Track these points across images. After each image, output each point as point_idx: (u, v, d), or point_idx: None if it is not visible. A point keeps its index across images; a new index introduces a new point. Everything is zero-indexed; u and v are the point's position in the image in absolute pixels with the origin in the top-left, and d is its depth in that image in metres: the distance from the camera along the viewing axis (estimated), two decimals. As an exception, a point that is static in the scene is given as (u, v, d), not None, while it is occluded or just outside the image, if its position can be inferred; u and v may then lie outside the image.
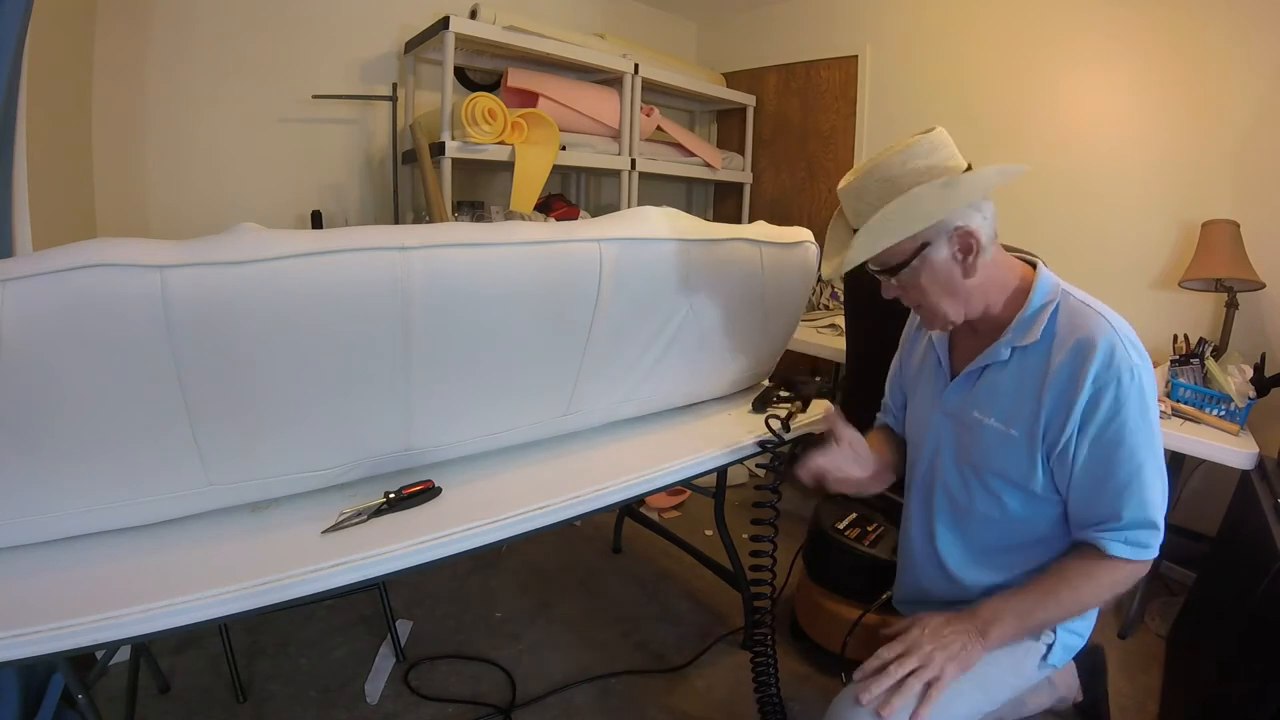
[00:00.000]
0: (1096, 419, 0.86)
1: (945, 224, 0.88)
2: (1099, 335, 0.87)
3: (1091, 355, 0.86)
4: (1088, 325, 0.88)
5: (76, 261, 0.73)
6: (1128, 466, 0.86)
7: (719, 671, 1.76)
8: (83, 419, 0.79)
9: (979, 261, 0.91)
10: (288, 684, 1.65)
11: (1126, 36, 2.38)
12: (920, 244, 0.90)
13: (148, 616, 0.77)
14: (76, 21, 1.93)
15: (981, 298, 0.95)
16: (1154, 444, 0.86)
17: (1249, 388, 1.84)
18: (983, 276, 0.93)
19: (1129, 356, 0.85)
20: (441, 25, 2.31)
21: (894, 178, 0.88)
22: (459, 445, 1.16)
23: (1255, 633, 1.29)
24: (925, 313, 0.98)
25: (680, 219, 1.28)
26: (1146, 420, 0.85)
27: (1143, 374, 0.85)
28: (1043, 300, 0.93)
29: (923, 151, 0.88)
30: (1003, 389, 0.95)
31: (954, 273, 0.91)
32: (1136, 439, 0.85)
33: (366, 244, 0.89)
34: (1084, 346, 0.87)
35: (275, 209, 2.46)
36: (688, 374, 1.43)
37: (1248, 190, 2.17)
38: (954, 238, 0.89)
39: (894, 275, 0.94)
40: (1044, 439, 0.91)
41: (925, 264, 0.91)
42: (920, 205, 0.86)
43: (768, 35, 3.58)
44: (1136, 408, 0.85)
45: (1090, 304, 0.91)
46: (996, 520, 1.00)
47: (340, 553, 0.89)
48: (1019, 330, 0.93)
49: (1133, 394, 0.84)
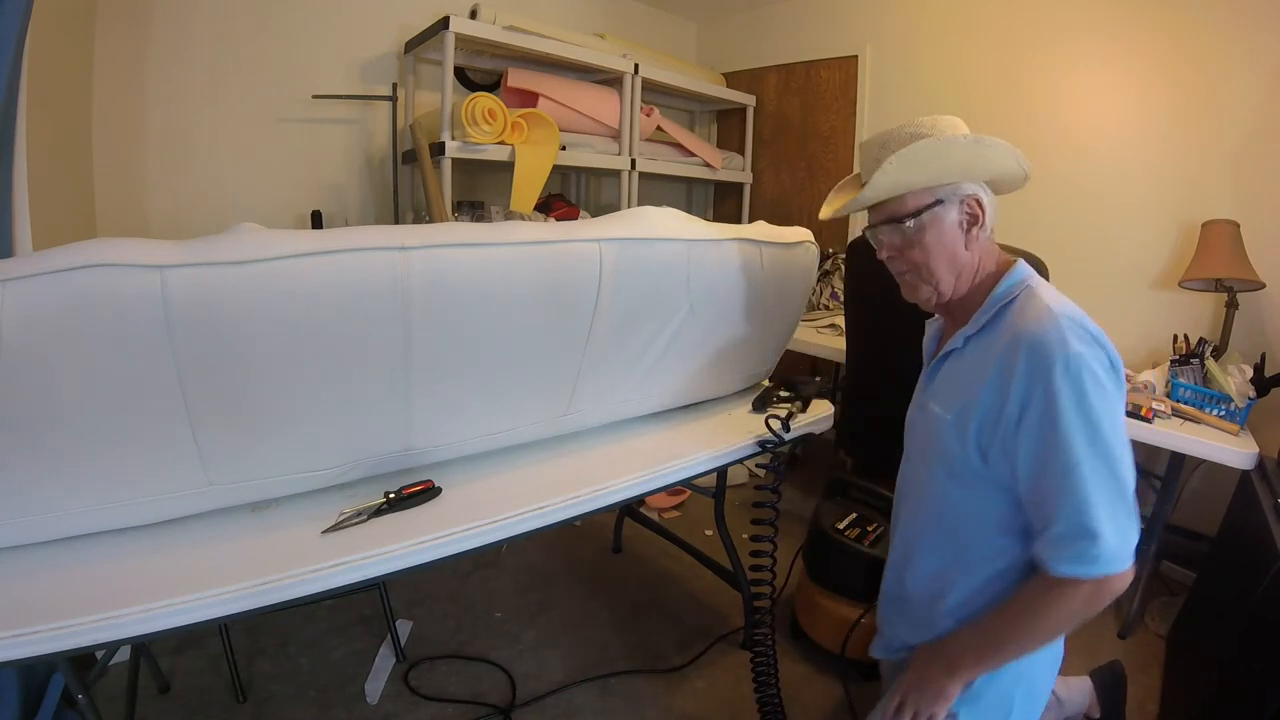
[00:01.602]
0: (1030, 413, 0.79)
1: (960, 188, 0.89)
2: (1037, 324, 0.81)
3: (1026, 344, 0.81)
4: (1030, 315, 0.84)
5: (76, 261, 0.73)
6: (1059, 465, 0.77)
7: (719, 671, 1.76)
8: (83, 419, 0.79)
9: (980, 236, 0.91)
10: (288, 684, 1.65)
11: (1127, 37, 2.38)
12: (934, 199, 0.90)
13: (148, 616, 0.77)
14: (76, 21, 1.93)
15: (969, 276, 0.94)
16: (1097, 439, 0.76)
17: (1249, 388, 1.84)
18: (976, 254, 0.92)
19: (1066, 343, 0.78)
20: (441, 25, 2.31)
21: (925, 132, 0.89)
22: (459, 445, 1.16)
23: (1255, 633, 1.29)
24: (915, 279, 0.95)
25: (680, 219, 1.28)
26: (1084, 412, 0.76)
27: (1086, 362, 0.77)
28: (1005, 290, 0.90)
29: (950, 124, 0.90)
30: (955, 377, 0.93)
31: (958, 239, 0.91)
32: (1070, 434, 0.76)
33: (366, 244, 0.89)
34: (1021, 336, 0.82)
35: (275, 209, 2.46)
36: (688, 374, 1.43)
37: (1248, 190, 2.17)
38: (965, 203, 0.90)
39: (901, 224, 0.92)
40: (977, 427, 0.86)
41: (934, 221, 0.90)
42: (954, 153, 0.87)
43: (768, 35, 3.58)
44: (1071, 399, 0.76)
45: (1045, 297, 0.85)
46: (945, 513, 0.94)
47: (340, 553, 0.89)
48: (977, 318, 0.91)
49: (1066, 385, 0.77)
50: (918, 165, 0.88)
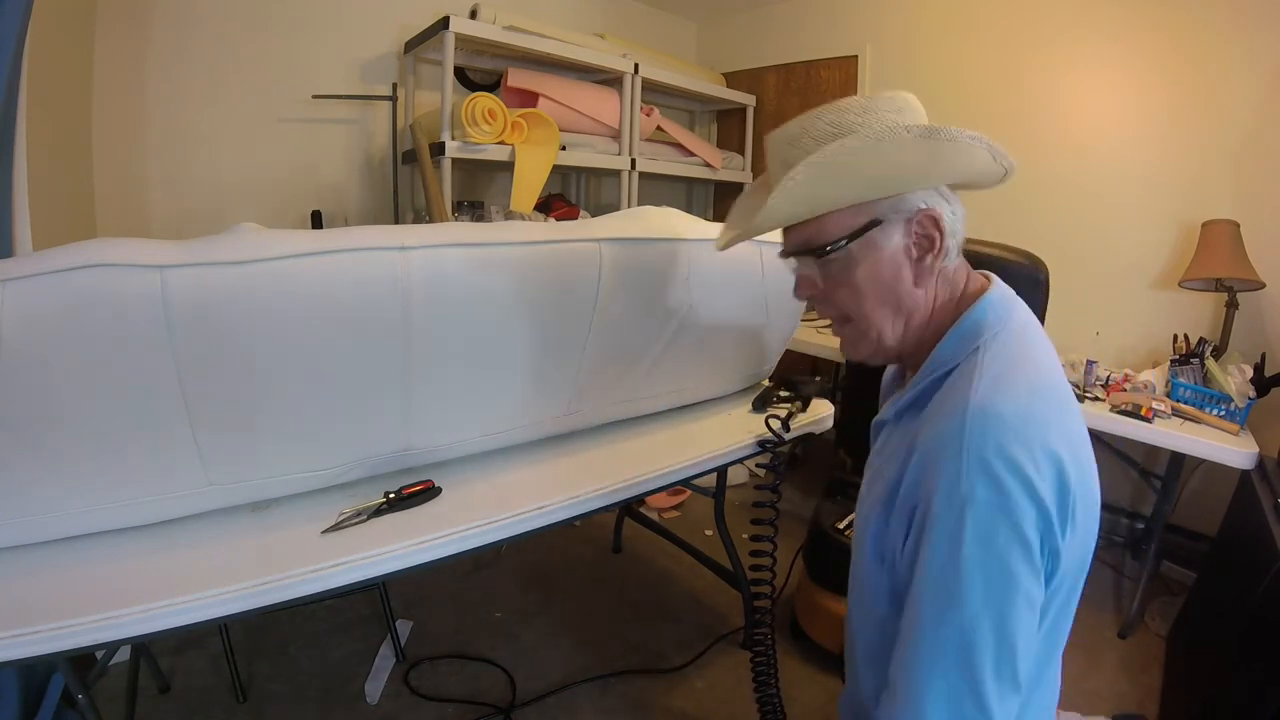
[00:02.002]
0: (910, 540, 0.60)
1: (905, 200, 0.64)
2: (943, 421, 0.59)
3: (921, 448, 0.61)
4: (950, 400, 0.61)
5: (76, 261, 0.73)
6: (907, 616, 0.58)
7: (719, 671, 1.76)
8: (82, 419, 0.79)
9: (936, 266, 0.66)
10: (288, 684, 1.65)
11: (1127, 37, 2.38)
12: (869, 220, 0.64)
13: (148, 616, 0.77)
14: (76, 21, 1.93)
15: (922, 318, 0.68)
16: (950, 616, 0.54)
17: (1249, 388, 1.84)
18: (932, 290, 0.68)
19: (959, 475, 0.55)
20: (441, 25, 2.31)
21: (852, 124, 0.63)
22: (459, 445, 1.16)
23: (1255, 633, 1.29)
24: (850, 330, 0.71)
25: (680, 219, 1.28)
26: (949, 578, 0.54)
27: (974, 514, 0.54)
28: (947, 353, 0.66)
29: (891, 106, 0.64)
30: (885, 454, 0.72)
31: (902, 272, 0.66)
32: (925, 587, 0.56)
33: (366, 244, 0.89)
34: (926, 434, 0.61)
35: (275, 209, 2.46)
36: (688, 374, 1.43)
37: (1248, 190, 2.17)
38: (915, 222, 0.65)
39: (819, 258, 0.67)
40: (876, 529, 0.67)
41: (869, 250, 0.65)
42: (893, 154, 0.61)
43: (768, 35, 3.58)
44: (938, 553, 0.55)
45: (985, 380, 0.60)
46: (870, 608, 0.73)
47: (340, 553, 0.89)
48: (911, 384, 0.69)
49: (937, 531, 0.55)
50: (842, 173, 0.62)
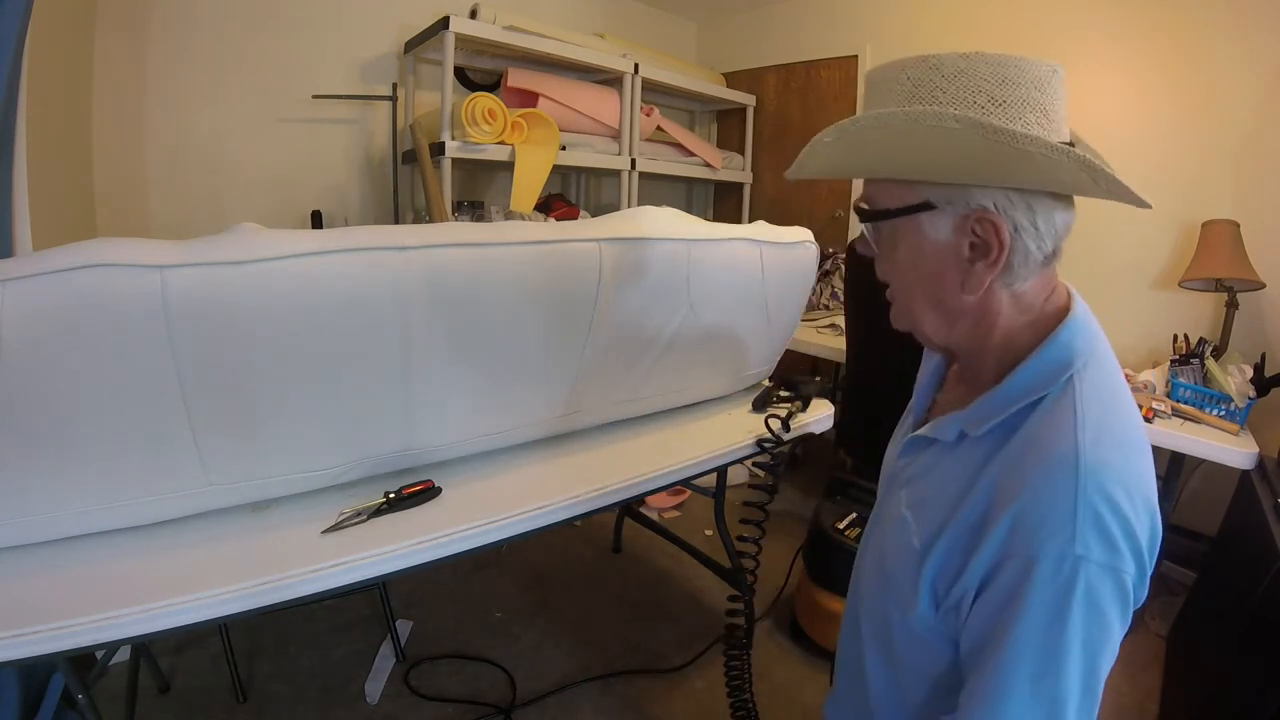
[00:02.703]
0: (990, 593, 0.54)
1: (965, 195, 0.56)
2: (1049, 473, 0.53)
3: (1019, 497, 0.53)
4: (1049, 449, 0.54)
5: (76, 261, 0.73)
6: (990, 680, 0.54)
7: (719, 671, 1.76)
8: (82, 419, 0.79)
9: (993, 279, 0.58)
10: (288, 684, 1.65)
11: (1127, 37, 2.38)
12: (920, 201, 0.58)
13: (148, 616, 0.77)
14: (76, 21, 1.93)
15: (972, 328, 0.61)
16: (1047, 679, 0.52)
17: (1249, 388, 1.84)
18: (991, 304, 0.60)
19: (1075, 535, 0.51)
20: (441, 25, 2.31)
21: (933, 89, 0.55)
22: (459, 445, 1.16)
23: (1255, 633, 1.29)
24: (894, 301, 0.67)
25: (680, 219, 1.28)
26: (1050, 639, 0.51)
27: (1091, 578, 0.51)
28: (1029, 381, 0.58)
29: (979, 77, 0.54)
30: (934, 479, 0.65)
31: (948, 271, 0.59)
32: (1018, 656, 0.52)
33: (366, 244, 0.89)
34: (1022, 479, 0.54)
35: (275, 209, 2.46)
36: (688, 374, 1.43)
37: (1248, 190, 2.17)
38: (970, 220, 0.57)
39: (874, 224, 0.63)
40: (937, 568, 0.60)
41: (913, 232, 0.59)
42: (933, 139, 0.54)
43: (768, 35, 3.58)
44: (1043, 615, 0.51)
45: (1087, 417, 0.55)
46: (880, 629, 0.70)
47: (340, 553, 0.89)
48: (978, 411, 0.60)
49: (1043, 592, 0.51)
50: (865, 148, 0.57)
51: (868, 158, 0.60)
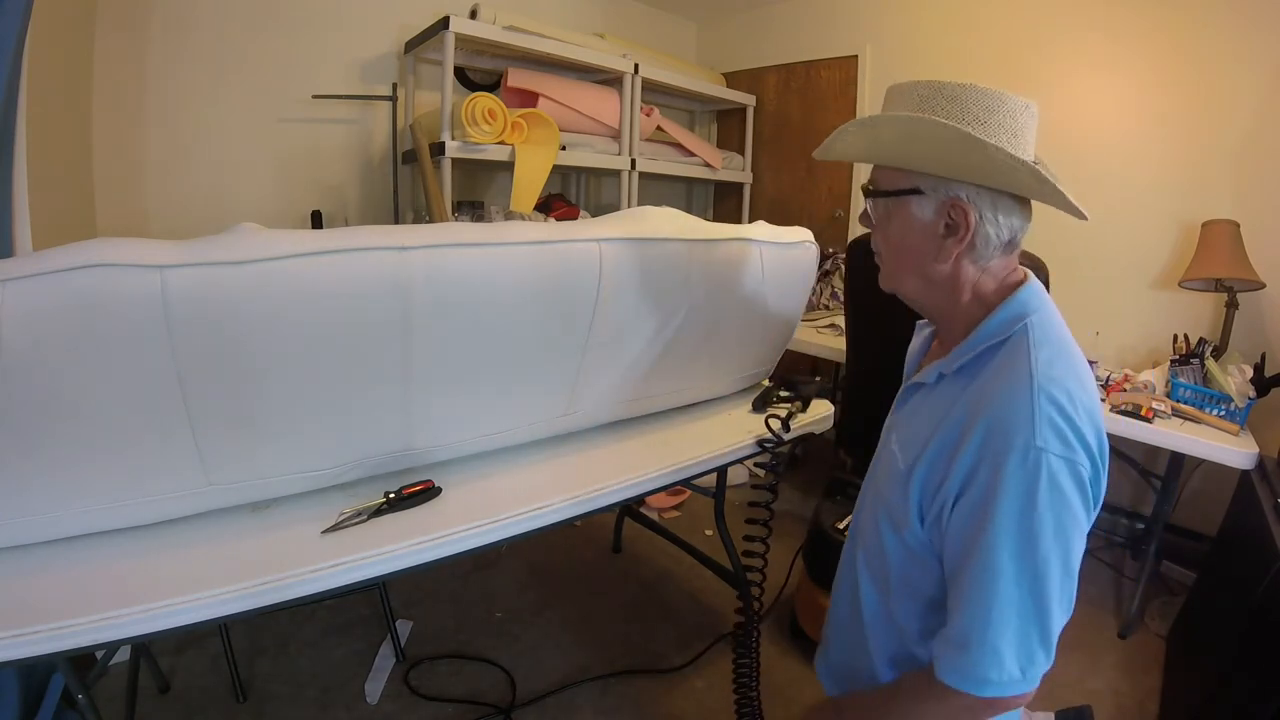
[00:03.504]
0: (968, 496, 0.67)
1: (949, 186, 0.73)
2: (1009, 394, 0.67)
3: (988, 415, 0.67)
4: (1007, 377, 0.68)
5: (76, 261, 0.73)
6: (978, 565, 0.65)
7: (719, 671, 1.76)
8: (82, 419, 0.79)
9: (960, 253, 0.74)
10: (288, 684, 1.65)
11: (1127, 37, 2.38)
12: (911, 186, 0.75)
13: (148, 616, 0.77)
14: (76, 21, 1.94)
15: (946, 293, 0.78)
16: (1028, 554, 0.63)
17: (1249, 388, 1.84)
18: (958, 272, 0.76)
19: (1035, 431, 0.63)
20: (441, 25, 2.31)
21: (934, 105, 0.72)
22: (459, 445, 1.16)
23: (1255, 633, 1.29)
24: (883, 265, 0.83)
25: (680, 219, 1.28)
26: (1026, 520, 0.63)
27: (1050, 463, 0.63)
28: (996, 328, 0.73)
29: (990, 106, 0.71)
30: (918, 417, 0.79)
31: (927, 244, 0.75)
32: (999, 539, 0.63)
33: (366, 244, 0.89)
34: (988, 401, 0.68)
35: (275, 209, 2.46)
36: (688, 374, 1.43)
37: (1248, 190, 2.17)
38: (949, 206, 0.73)
39: (873, 200, 0.80)
40: (919, 487, 0.73)
41: (903, 210, 0.76)
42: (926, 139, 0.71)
43: (768, 35, 3.58)
44: (1016, 500, 0.63)
45: (1036, 351, 0.69)
46: (874, 556, 0.82)
47: (340, 553, 0.89)
48: (954, 355, 0.76)
49: (1015, 481, 0.63)
50: (889, 140, 0.74)
51: (879, 148, 0.78)
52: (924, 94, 0.72)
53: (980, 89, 0.71)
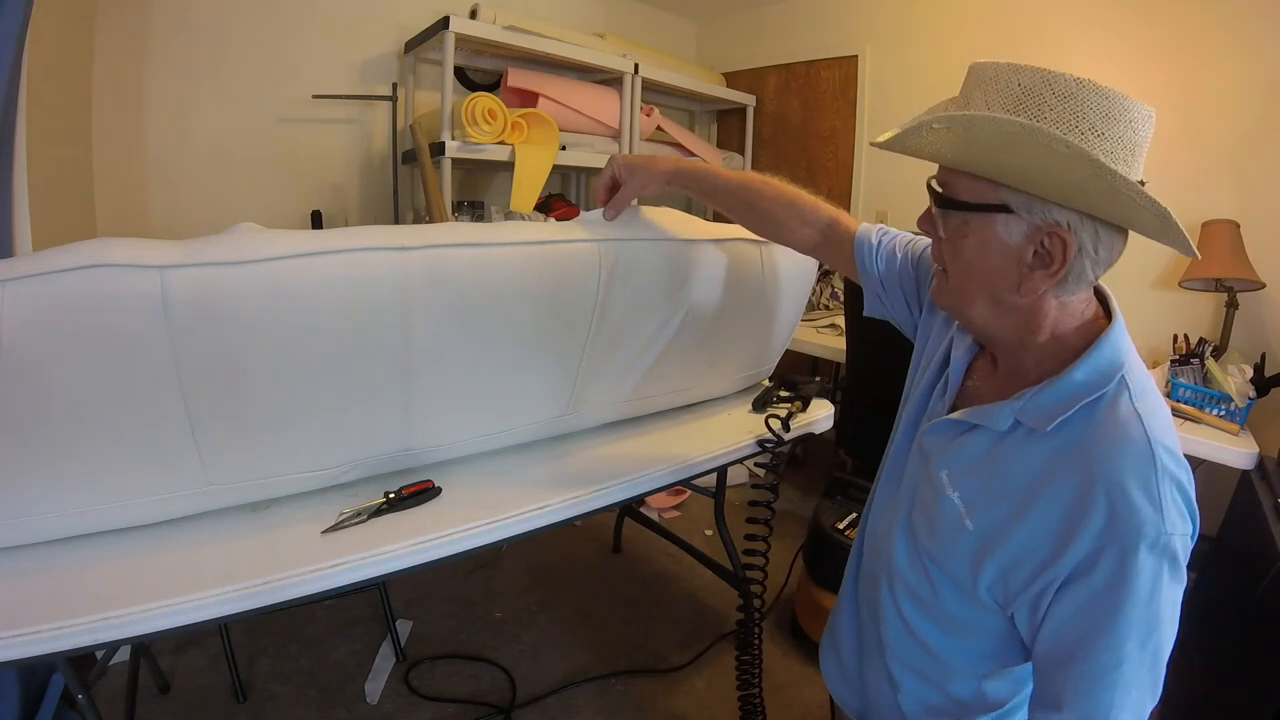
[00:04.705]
0: (1087, 583, 0.61)
1: (1046, 208, 0.60)
2: (1134, 471, 0.59)
3: (1108, 491, 0.59)
4: (1124, 447, 0.60)
5: (76, 262, 0.73)
6: (1099, 659, 0.61)
7: (719, 671, 1.76)
8: (82, 419, 0.79)
9: (1047, 289, 0.64)
10: (288, 684, 1.65)
11: (1127, 36, 2.38)
12: (1000, 202, 0.62)
13: (148, 616, 0.77)
14: (76, 21, 1.94)
15: (1020, 330, 0.67)
16: (1151, 639, 0.60)
17: (1249, 388, 1.84)
18: (1040, 307, 0.66)
19: (1163, 515, 0.58)
20: (441, 25, 2.31)
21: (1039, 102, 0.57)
22: (459, 445, 1.16)
23: (1255, 633, 1.29)
24: (946, 285, 0.71)
25: (680, 219, 1.28)
26: (1153, 607, 0.59)
27: (1174, 546, 0.59)
28: (1087, 379, 0.63)
29: (1110, 111, 0.57)
30: (983, 465, 0.69)
31: (1008, 271, 0.64)
32: (1127, 629, 0.59)
33: (366, 244, 0.89)
34: (1107, 476, 0.60)
35: (275, 209, 2.46)
36: (688, 374, 1.43)
37: (1248, 190, 2.17)
38: (1042, 232, 0.61)
39: (946, 210, 0.66)
40: (1001, 568, 0.66)
41: (986, 229, 0.63)
42: (1042, 157, 0.56)
43: (768, 35, 3.58)
44: (1144, 590, 0.59)
45: (1143, 411, 0.62)
46: (926, 601, 0.76)
47: (340, 553, 0.89)
48: (1036, 404, 0.65)
49: (1144, 572, 0.58)
50: (985, 146, 0.59)
51: (968, 151, 0.62)
52: (1027, 84, 0.58)
53: (1099, 89, 0.57)
